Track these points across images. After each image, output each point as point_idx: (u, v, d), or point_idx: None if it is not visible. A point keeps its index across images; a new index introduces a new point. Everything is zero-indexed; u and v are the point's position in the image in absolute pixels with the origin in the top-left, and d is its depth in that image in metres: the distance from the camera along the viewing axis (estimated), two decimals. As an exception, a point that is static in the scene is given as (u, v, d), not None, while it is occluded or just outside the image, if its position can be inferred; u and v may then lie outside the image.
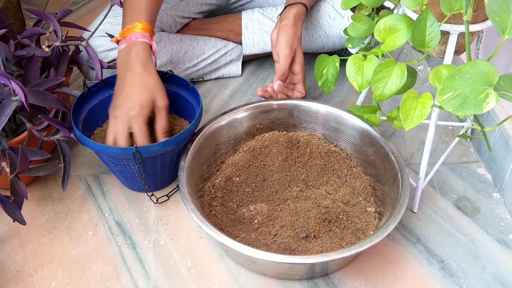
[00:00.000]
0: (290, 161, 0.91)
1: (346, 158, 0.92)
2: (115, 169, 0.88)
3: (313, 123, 0.95)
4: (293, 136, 0.94)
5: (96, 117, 0.94)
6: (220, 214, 0.84)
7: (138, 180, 0.88)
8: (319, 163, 0.91)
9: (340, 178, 0.89)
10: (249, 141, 0.94)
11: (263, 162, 0.91)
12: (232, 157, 0.93)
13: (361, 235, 0.80)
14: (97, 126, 0.94)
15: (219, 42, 1.17)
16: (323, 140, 0.94)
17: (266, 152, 0.92)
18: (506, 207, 0.90)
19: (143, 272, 0.80)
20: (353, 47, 0.83)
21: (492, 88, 0.56)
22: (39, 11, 0.96)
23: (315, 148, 0.93)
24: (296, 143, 0.93)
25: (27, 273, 0.80)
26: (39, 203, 0.92)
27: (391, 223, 0.73)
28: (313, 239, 0.79)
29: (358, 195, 0.86)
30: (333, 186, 0.88)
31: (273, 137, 0.94)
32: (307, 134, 0.95)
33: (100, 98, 0.94)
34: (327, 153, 0.92)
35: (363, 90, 0.77)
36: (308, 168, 0.91)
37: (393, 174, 0.82)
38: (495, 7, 0.60)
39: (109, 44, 1.03)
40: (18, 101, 0.78)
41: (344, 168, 0.91)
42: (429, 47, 0.70)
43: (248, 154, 0.92)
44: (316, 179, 0.90)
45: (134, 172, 0.86)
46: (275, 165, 0.90)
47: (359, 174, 0.90)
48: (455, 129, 1.06)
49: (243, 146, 0.94)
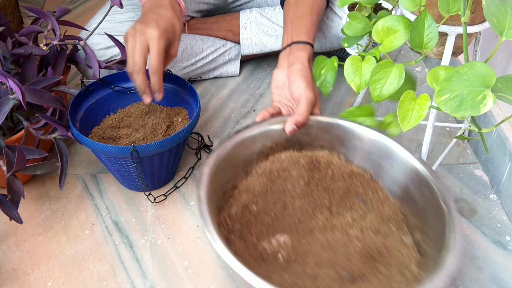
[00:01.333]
0: (313, 185, 0.79)
1: (371, 180, 0.80)
2: (112, 168, 0.88)
3: (332, 140, 0.83)
4: (312, 157, 0.81)
5: (93, 116, 0.94)
6: (241, 250, 0.72)
7: (136, 179, 0.88)
8: (341, 186, 0.80)
9: (365, 202, 0.79)
10: (262, 162, 0.81)
11: (282, 187, 0.79)
12: (245, 180, 0.79)
13: (405, 271, 0.68)
14: (95, 125, 0.94)
15: (217, 42, 1.17)
16: (344, 160, 0.82)
17: (285, 176, 0.79)
18: (503, 209, 0.90)
19: (140, 271, 0.80)
20: (349, 46, 0.83)
21: (490, 89, 0.57)
22: (38, 9, 0.95)
23: (337, 170, 0.81)
24: (316, 164, 0.81)
25: (23, 272, 0.80)
26: (36, 201, 0.91)
27: (449, 264, 0.60)
28: (360, 280, 0.66)
29: (388, 222, 0.75)
30: (358, 212, 0.77)
31: (292, 158, 0.81)
32: (327, 154, 0.82)
33: (98, 97, 0.94)
34: (350, 174, 0.80)
35: (361, 91, 0.77)
36: (331, 192, 0.79)
37: (431, 198, 0.71)
38: (493, 9, 0.60)
39: (107, 42, 1.03)
40: (15, 99, 0.78)
41: (368, 191, 0.79)
42: (427, 48, 0.70)
43: (264, 177, 0.79)
44: (339, 204, 0.78)
45: (131, 171, 0.86)
46: (297, 190, 0.78)
47: (386, 198, 0.78)
48: (453, 130, 1.06)
49: (255, 168, 0.80)
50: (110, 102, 0.96)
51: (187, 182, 0.95)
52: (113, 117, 0.95)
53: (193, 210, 0.90)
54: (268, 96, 1.15)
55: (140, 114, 0.95)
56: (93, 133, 0.92)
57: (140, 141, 0.89)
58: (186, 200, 0.91)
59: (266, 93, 1.16)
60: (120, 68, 0.98)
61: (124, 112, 0.96)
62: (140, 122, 0.94)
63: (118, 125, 0.94)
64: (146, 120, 0.94)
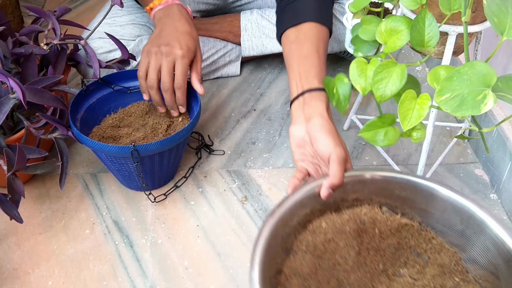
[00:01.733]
0: (364, 252, 0.72)
1: (421, 229, 0.74)
2: (112, 167, 0.88)
3: (367, 192, 0.75)
4: (355, 218, 0.74)
5: (94, 115, 0.94)
6: None
7: (136, 179, 0.88)
8: (392, 243, 0.73)
9: (420, 255, 0.72)
10: (301, 234, 0.72)
11: (332, 261, 0.70)
12: (288, 261, 0.70)
13: None
14: (95, 125, 0.94)
15: (218, 43, 1.17)
16: (387, 212, 0.75)
17: (332, 248, 0.71)
18: (503, 208, 0.90)
19: (140, 271, 0.80)
20: (364, 54, 0.78)
21: (490, 89, 0.56)
22: (38, 8, 0.95)
23: (383, 226, 0.74)
24: (361, 225, 0.73)
25: (24, 272, 0.80)
26: (36, 201, 0.91)
27: None
28: None
29: (451, 274, 0.69)
30: (416, 267, 0.71)
31: (335, 226, 0.73)
32: (368, 209, 0.75)
33: (98, 97, 0.94)
34: (398, 228, 0.74)
35: (366, 93, 0.77)
36: (382, 252, 0.72)
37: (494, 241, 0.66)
38: (493, 8, 0.60)
39: (108, 46, 1.03)
40: (16, 99, 0.78)
41: (421, 242, 0.73)
42: (428, 47, 0.70)
43: (310, 254, 0.70)
44: (393, 263, 0.71)
45: (132, 170, 0.86)
46: (349, 262, 0.70)
47: (442, 246, 0.72)
48: (453, 130, 1.06)
49: (296, 244, 0.71)
50: (110, 102, 0.96)
51: (187, 181, 0.95)
52: (113, 116, 0.95)
53: (193, 210, 0.90)
54: (268, 95, 1.15)
55: (141, 113, 0.95)
56: (93, 133, 0.92)
57: (140, 141, 0.89)
58: (186, 199, 0.91)
59: (266, 93, 1.16)
60: (120, 68, 0.98)
61: (124, 111, 0.96)
62: (140, 122, 0.94)
63: (118, 125, 0.94)
64: (147, 120, 0.94)
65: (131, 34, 1.07)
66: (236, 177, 0.96)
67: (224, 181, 0.95)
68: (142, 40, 1.08)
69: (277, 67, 1.23)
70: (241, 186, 0.94)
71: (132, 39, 1.07)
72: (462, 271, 0.70)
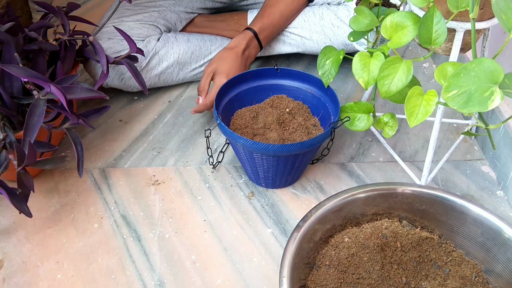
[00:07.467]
0: (387, 266, 0.74)
1: (441, 242, 0.76)
2: (244, 159, 0.89)
3: (387, 206, 0.77)
4: (377, 232, 0.76)
5: (232, 108, 0.95)
6: None
7: (260, 175, 0.90)
8: (413, 256, 0.75)
9: (441, 268, 0.74)
10: (323, 249, 0.75)
11: (357, 276, 0.72)
12: (311, 275, 0.72)
13: None
14: (230, 116, 0.95)
15: (225, 42, 1.17)
16: (408, 226, 0.77)
17: (356, 262, 0.73)
18: (509, 205, 0.90)
19: (147, 264, 0.81)
20: (354, 40, 0.83)
21: (497, 86, 0.57)
22: (47, 4, 0.96)
23: (405, 240, 0.76)
24: (383, 239, 0.76)
25: (33, 265, 0.81)
26: (46, 195, 0.92)
27: None
28: None
29: (472, 286, 0.71)
30: (437, 280, 0.72)
31: (358, 240, 0.75)
32: (388, 223, 0.77)
33: (239, 91, 0.96)
34: (418, 241, 0.76)
35: (369, 87, 0.77)
36: (404, 265, 0.74)
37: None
38: (501, 5, 0.60)
39: (118, 46, 1.04)
40: (46, 100, 0.79)
41: (442, 255, 0.75)
42: (435, 44, 0.70)
43: (333, 268, 0.73)
44: (415, 276, 0.73)
45: (265, 167, 0.87)
46: (373, 276, 0.72)
47: (462, 259, 0.74)
48: (460, 127, 1.06)
49: (319, 258, 0.74)
50: (250, 96, 0.97)
51: (194, 176, 0.95)
52: (250, 109, 0.96)
53: (200, 205, 0.90)
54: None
55: (278, 113, 0.94)
56: (234, 125, 0.93)
57: (276, 140, 0.90)
58: (193, 194, 0.92)
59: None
60: (129, 63, 0.98)
61: (259, 107, 0.96)
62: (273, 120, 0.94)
63: (255, 119, 0.94)
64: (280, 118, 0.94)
65: (140, 35, 1.08)
66: (243, 172, 0.96)
67: (231, 177, 0.96)
68: (150, 40, 1.08)
69: (284, 63, 1.23)
70: (247, 182, 0.95)
71: (141, 40, 1.07)
72: (483, 283, 0.71)
